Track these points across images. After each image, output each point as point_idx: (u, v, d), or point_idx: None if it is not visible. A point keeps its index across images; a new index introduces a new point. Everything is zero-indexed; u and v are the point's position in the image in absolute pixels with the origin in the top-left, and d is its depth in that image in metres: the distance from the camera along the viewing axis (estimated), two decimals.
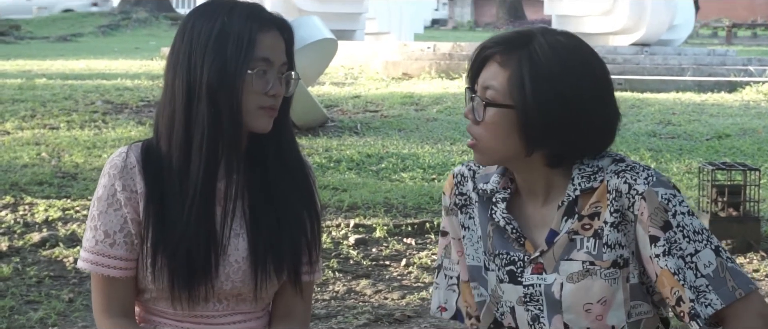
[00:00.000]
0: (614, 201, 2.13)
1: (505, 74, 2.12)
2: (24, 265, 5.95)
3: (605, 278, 2.14)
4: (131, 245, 2.28)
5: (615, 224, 2.13)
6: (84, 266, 2.31)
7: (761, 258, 6.47)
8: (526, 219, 2.21)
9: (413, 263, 6.20)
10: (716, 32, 33.78)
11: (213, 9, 2.27)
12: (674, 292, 2.09)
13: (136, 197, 2.27)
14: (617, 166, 2.16)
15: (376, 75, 14.99)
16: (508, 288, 2.20)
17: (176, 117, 2.24)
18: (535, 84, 2.09)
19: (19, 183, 7.63)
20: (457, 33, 31.91)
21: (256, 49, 2.22)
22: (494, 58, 2.14)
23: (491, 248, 2.23)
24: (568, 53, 2.13)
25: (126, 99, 11.44)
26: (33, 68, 15.53)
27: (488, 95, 2.13)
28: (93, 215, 2.30)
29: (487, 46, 2.17)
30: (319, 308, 5.44)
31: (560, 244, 2.16)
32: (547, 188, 2.19)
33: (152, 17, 31.20)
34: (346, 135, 9.94)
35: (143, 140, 2.33)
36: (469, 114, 2.16)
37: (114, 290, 2.29)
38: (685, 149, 9.70)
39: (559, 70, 2.10)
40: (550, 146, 2.13)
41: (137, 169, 2.28)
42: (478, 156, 2.18)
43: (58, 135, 9.56)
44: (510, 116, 2.11)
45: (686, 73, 14.92)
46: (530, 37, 2.14)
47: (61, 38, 26.82)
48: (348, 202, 7.31)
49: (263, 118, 2.25)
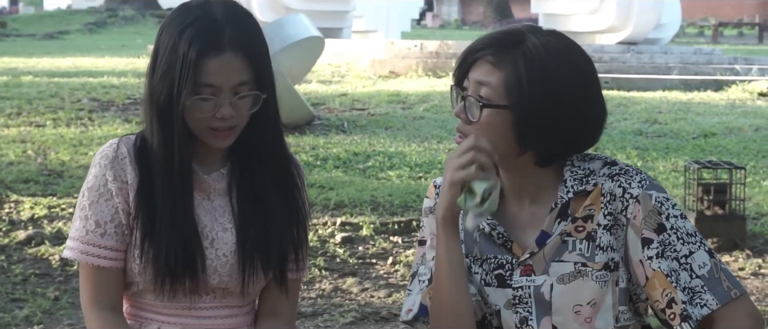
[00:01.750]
0: (608, 204, 2.14)
1: (499, 74, 2.11)
2: (9, 263, 5.93)
3: (596, 280, 2.14)
4: (121, 235, 2.28)
5: (608, 226, 2.14)
6: (72, 255, 2.29)
7: (746, 257, 6.49)
8: (512, 221, 2.21)
9: (400, 261, 6.20)
10: (703, 31, 33.89)
11: (181, 17, 2.25)
12: (666, 294, 2.10)
13: (126, 188, 2.27)
14: (610, 169, 2.17)
15: (363, 73, 14.99)
16: (495, 291, 2.19)
17: (150, 114, 2.26)
18: (531, 84, 2.09)
19: (5, 181, 7.61)
20: (444, 31, 31.93)
21: (200, 75, 2.19)
22: (486, 59, 2.13)
23: (479, 253, 2.22)
24: (560, 53, 2.13)
25: (112, 97, 11.42)
26: (19, 66, 15.49)
27: (482, 93, 2.12)
28: (83, 205, 2.28)
29: (477, 47, 2.16)
30: (306, 306, 5.44)
31: (552, 246, 2.16)
32: (535, 188, 2.19)
33: (139, 15, 31.16)
34: (333, 133, 9.94)
35: (138, 133, 2.34)
36: (461, 113, 2.15)
37: (103, 281, 2.28)
38: (672, 148, 9.72)
39: (554, 70, 2.11)
40: (542, 146, 2.14)
41: (128, 160, 2.28)
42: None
43: (44, 133, 9.54)
44: (505, 116, 2.10)
45: (673, 71, 14.97)
46: (522, 37, 2.13)
47: (48, 36, 26.76)
48: (335, 200, 7.31)
49: (215, 139, 2.26)
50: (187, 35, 2.21)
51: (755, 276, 6.16)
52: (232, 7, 2.26)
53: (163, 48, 2.24)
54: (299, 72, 11.06)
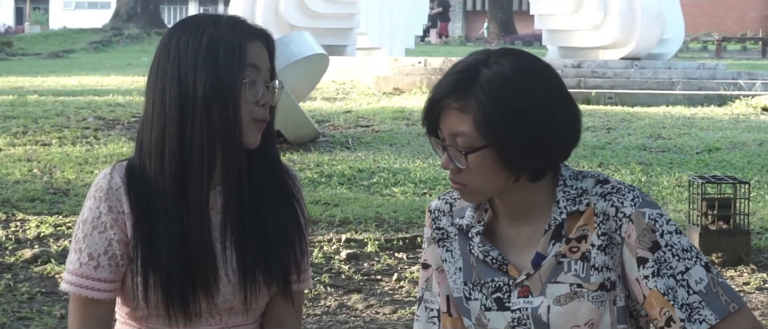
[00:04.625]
0: (602, 224, 2.13)
1: (468, 118, 2.10)
2: (15, 281, 5.95)
3: (592, 300, 2.13)
4: (116, 267, 2.27)
5: (602, 246, 2.13)
6: (67, 288, 2.29)
7: (751, 271, 6.49)
8: (506, 243, 2.21)
9: (405, 277, 6.21)
10: (706, 46, 33.87)
11: (196, 23, 2.26)
12: (664, 313, 2.09)
13: (123, 218, 2.25)
14: (603, 188, 2.15)
15: (367, 90, 15.02)
16: (495, 315, 2.19)
17: (168, 133, 2.22)
18: (500, 117, 2.08)
19: (11, 199, 7.63)
20: (448, 48, 31.97)
21: (247, 57, 2.23)
22: (450, 107, 2.12)
23: (477, 278, 2.21)
24: (515, 74, 2.11)
25: (117, 115, 11.45)
26: (25, 85, 15.54)
27: (459, 142, 2.12)
28: (78, 238, 2.28)
29: (436, 98, 2.15)
30: (311, 323, 5.45)
31: (547, 267, 2.15)
32: (529, 209, 2.19)
33: (144, 33, 31.23)
34: (338, 150, 9.95)
35: (126, 160, 2.31)
36: (448, 165, 2.14)
37: (92, 312, 2.28)
38: (676, 163, 9.73)
39: (515, 94, 2.09)
40: (533, 165, 2.14)
41: (123, 190, 2.26)
42: (469, 198, 2.18)
43: (49, 151, 9.57)
44: (489, 154, 2.10)
45: (676, 87, 14.97)
46: (475, 72, 2.12)
47: (53, 55, 26.82)
48: (339, 217, 7.32)
49: (255, 132, 2.25)
50: (225, 24, 2.23)
51: (760, 291, 6.16)
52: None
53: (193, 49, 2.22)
54: (304, 89, 11.09)
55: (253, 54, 2.24)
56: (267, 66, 2.27)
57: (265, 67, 2.26)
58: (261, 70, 2.25)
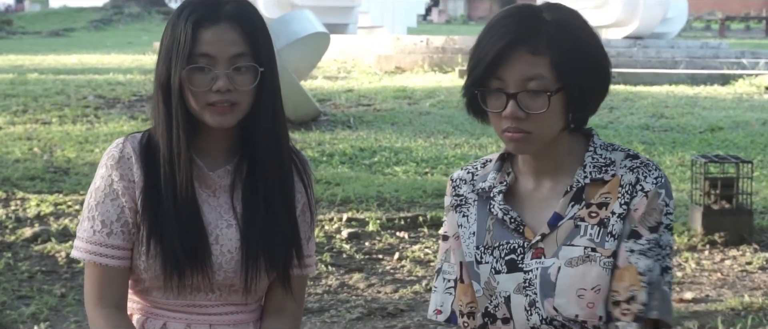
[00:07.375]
0: (626, 195, 2.16)
1: (544, 61, 2.10)
2: (16, 260, 5.94)
3: (603, 266, 2.15)
4: (128, 234, 2.30)
5: (622, 215, 2.16)
6: (79, 255, 2.32)
7: (754, 251, 6.47)
8: (524, 206, 2.22)
9: (406, 256, 6.20)
10: (709, 25, 33.84)
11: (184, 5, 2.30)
12: (630, 290, 2.13)
13: (133, 187, 2.29)
14: (632, 162, 2.18)
15: (369, 69, 14.98)
16: (504, 278, 2.20)
17: (157, 110, 2.30)
18: (576, 57, 2.12)
19: (11, 178, 7.61)
20: (450, 27, 31.92)
21: (196, 45, 2.22)
22: (520, 52, 2.11)
23: (490, 241, 2.23)
24: (573, 18, 2.17)
25: (118, 94, 11.43)
26: (25, 63, 15.51)
27: (533, 86, 2.10)
28: (90, 206, 2.31)
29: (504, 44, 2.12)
30: (312, 302, 5.44)
31: (564, 229, 2.17)
32: (555, 167, 2.21)
33: (144, 12, 31.20)
34: (339, 129, 9.93)
35: (145, 131, 2.36)
36: (517, 113, 2.10)
37: (108, 280, 2.30)
38: (678, 142, 9.71)
39: (583, 35, 2.15)
40: (591, 109, 2.19)
41: (134, 158, 2.30)
42: (528, 147, 2.16)
43: (50, 130, 9.55)
44: (562, 98, 2.12)
45: (679, 66, 14.94)
46: (537, 18, 2.14)
47: (53, 33, 26.80)
48: (341, 196, 7.31)
49: (213, 115, 2.25)
50: (186, 11, 2.26)
51: (763, 271, 6.14)
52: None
53: (166, 30, 2.28)
54: (305, 68, 11.06)
55: (204, 41, 2.22)
56: (229, 52, 2.24)
57: (225, 53, 2.23)
58: (216, 57, 2.22)
